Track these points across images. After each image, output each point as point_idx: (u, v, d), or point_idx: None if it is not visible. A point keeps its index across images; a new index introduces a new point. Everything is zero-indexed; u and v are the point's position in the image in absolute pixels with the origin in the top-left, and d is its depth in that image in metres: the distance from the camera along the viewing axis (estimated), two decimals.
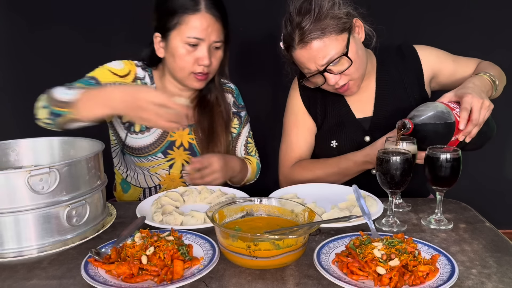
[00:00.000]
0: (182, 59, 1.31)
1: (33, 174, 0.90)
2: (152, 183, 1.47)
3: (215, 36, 1.31)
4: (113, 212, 1.16)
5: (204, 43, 1.30)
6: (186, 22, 1.28)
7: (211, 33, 1.30)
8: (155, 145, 1.42)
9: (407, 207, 1.21)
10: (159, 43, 1.36)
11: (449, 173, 1.05)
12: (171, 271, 0.83)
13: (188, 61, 1.31)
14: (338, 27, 1.25)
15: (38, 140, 1.20)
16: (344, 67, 1.28)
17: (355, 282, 0.80)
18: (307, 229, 0.87)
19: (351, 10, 1.30)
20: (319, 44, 1.25)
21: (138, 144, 1.41)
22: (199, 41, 1.29)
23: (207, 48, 1.31)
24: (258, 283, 0.83)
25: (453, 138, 1.15)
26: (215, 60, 1.35)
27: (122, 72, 1.38)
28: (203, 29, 1.28)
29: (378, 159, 1.04)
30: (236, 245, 0.85)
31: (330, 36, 1.25)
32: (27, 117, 2.25)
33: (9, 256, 0.92)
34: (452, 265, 0.85)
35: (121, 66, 1.39)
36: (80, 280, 0.84)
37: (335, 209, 1.12)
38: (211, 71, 1.36)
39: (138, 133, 1.41)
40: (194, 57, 1.31)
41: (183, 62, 1.32)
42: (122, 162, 1.49)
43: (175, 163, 1.45)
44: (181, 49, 1.30)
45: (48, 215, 0.94)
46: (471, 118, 1.12)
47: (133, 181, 1.48)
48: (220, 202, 1.01)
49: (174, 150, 1.44)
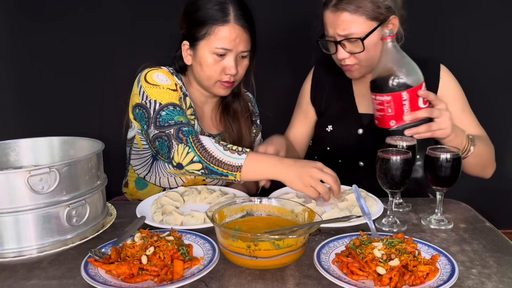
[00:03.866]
0: (210, 68, 1.33)
1: (33, 174, 0.90)
2: (175, 184, 1.47)
3: (243, 46, 1.32)
4: (113, 212, 1.16)
5: (232, 53, 1.32)
6: (216, 32, 1.29)
7: (239, 44, 1.31)
8: None
9: (407, 207, 1.21)
10: (187, 51, 1.37)
11: (449, 173, 1.05)
12: (171, 271, 0.83)
13: (215, 70, 1.33)
14: (372, 13, 1.28)
15: (38, 140, 1.20)
16: (357, 49, 1.31)
17: (355, 282, 0.80)
18: (307, 229, 0.87)
19: (393, 7, 1.32)
20: (347, 17, 1.27)
21: None
22: (227, 51, 1.31)
23: (234, 57, 1.32)
24: (258, 283, 0.83)
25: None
26: (241, 69, 1.37)
27: (173, 87, 1.36)
28: (232, 40, 1.30)
29: (378, 159, 1.04)
30: (236, 245, 0.85)
31: (361, 17, 1.27)
32: (27, 117, 2.26)
33: (9, 256, 0.92)
34: (452, 265, 0.85)
35: (169, 81, 1.36)
36: (80, 280, 0.84)
37: (335, 209, 1.12)
38: (237, 79, 1.38)
39: None
40: (221, 67, 1.33)
41: (211, 71, 1.33)
42: (146, 166, 1.47)
43: None
44: (209, 59, 1.32)
45: (48, 215, 0.94)
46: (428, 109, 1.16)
47: (153, 181, 1.48)
48: (220, 202, 1.01)
49: None
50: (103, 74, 2.16)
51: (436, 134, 1.16)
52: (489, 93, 2.20)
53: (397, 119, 1.17)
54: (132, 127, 1.45)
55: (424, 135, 1.16)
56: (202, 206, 1.20)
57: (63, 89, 2.20)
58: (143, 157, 1.47)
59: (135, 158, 1.49)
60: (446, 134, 1.16)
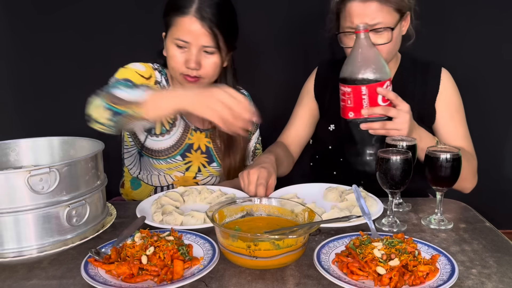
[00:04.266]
0: (173, 59, 1.33)
1: (33, 174, 0.90)
2: (165, 182, 1.47)
3: (205, 41, 1.30)
4: (113, 212, 1.16)
5: (192, 46, 1.30)
6: (175, 23, 1.30)
7: (199, 38, 1.29)
8: (174, 148, 1.44)
9: (407, 207, 1.21)
10: (163, 42, 1.39)
11: (449, 173, 1.05)
12: (171, 271, 0.83)
13: (177, 62, 1.33)
14: (398, 5, 1.29)
15: (38, 140, 1.20)
16: (382, 40, 1.30)
17: (355, 282, 0.80)
18: (307, 229, 0.87)
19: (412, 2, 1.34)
20: (376, 7, 1.27)
21: (158, 147, 1.43)
22: (186, 43, 1.30)
23: (196, 51, 1.31)
24: (258, 283, 0.83)
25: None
26: (207, 66, 1.34)
27: (146, 74, 1.39)
28: (189, 32, 1.29)
29: (378, 159, 1.04)
30: (236, 245, 0.85)
31: (389, 7, 1.28)
32: (27, 117, 2.25)
33: (9, 256, 0.92)
34: (452, 265, 0.85)
35: (143, 68, 1.39)
36: (80, 280, 0.84)
37: (335, 209, 1.12)
38: (203, 76, 1.35)
39: (158, 135, 1.43)
40: (183, 59, 1.32)
41: (173, 62, 1.34)
42: (137, 163, 1.49)
43: (191, 165, 1.47)
44: (171, 50, 1.33)
45: (48, 215, 0.94)
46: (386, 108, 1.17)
47: (145, 179, 1.49)
48: (220, 202, 1.01)
49: (192, 153, 1.46)
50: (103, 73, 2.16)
51: (391, 133, 1.17)
52: (489, 93, 2.20)
53: (355, 112, 1.20)
54: None
55: (378, 132, 1.18)
56: (202, 206, 1.20)
57: (63, 89, 2.20)
58: (132, 155, 1.49)
59: (127, 157, 1.51)
60: (400, 135, 1.17)
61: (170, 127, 1.45)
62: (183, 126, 1.46)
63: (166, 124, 1.44)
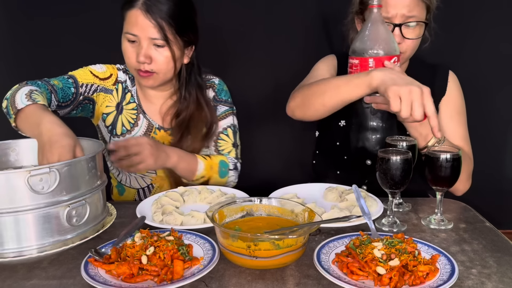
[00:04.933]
0: (126, 55, 1.34)
1: (33, 174, 0.90)
2: (144, 183, 1.47)
3: (152, 33, 1.29)
4: (113, 212, 1.16)
5: (141, 39, 1.30)
6: (126, 18, 1.31)
7: (146, 30, 1.28)
8: None
9: (407, 207, 1.21)
10: None
11: (449, 173, 1.05)
12: (171, 271, 0.83)
13: (130, 57, 1.33)
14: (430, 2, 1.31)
15: None
16: (412, 35, 1.30)
17: (355, 282, 0.80)
18: (307, 229, 0.87)
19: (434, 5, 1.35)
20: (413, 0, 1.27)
21: None
22: (135, 37, 1.30)
23: (145, 45, 1.30)
24: (258, 283, 0.83)
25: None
26: (158, 59, 1.32)
27: (103, 75, 1.41)
28: (135, 25, 1.28)
29: (378, 159, 1.04)
30: (236, 245, 0.85)
31: (422, 2, 1.29)
32: None
33: (9, 256, 0.92)
34: (452, 265, 0.85)
35: (103, 69, 1.42)
36: (80, 280, 0.84)
37: (335, 209, 1.12)
38: (156, 70, 1.33)
39: (119, 136, 1.43)
40: (134, 54, 1.32)
41: (126, 58, 1.34)
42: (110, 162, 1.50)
43: None
44: (124, 45, 1.33)
45: (48, 215, 0.94)
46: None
47: (127, 183, 1.49)
48: (220, 202, 1.01)
49: None
50: None
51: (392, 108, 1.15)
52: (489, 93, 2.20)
53: None
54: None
55: (380, 106, 1.18)
56: (202, 206, 1.20)
57: None
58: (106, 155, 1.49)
59: (107, 160, 1.52)
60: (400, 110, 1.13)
61: (132, 127, 1.44)
62: (146, 125, 1.45)
63: (127, 124, 1.43)
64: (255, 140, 2.16)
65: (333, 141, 1.50)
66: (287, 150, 2.21)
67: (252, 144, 2.08)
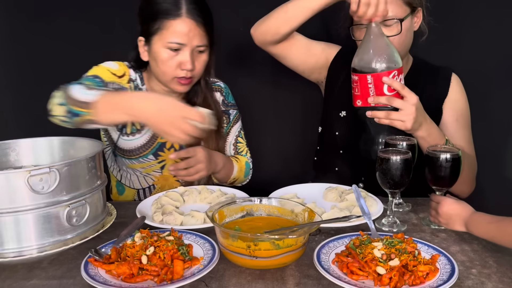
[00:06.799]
0: (165, 64, 1.31)
1: (33, 174, 0.90)
2: (145, 183, 1.47)
3: (198, 41, 1.29)
4: (113, 212, 1.16)
5: (186, 47, 1.29)
6: (167, 27, 1.27)
7: (193, 38, 1.28)
8: (146, 147, 1.42)
9: (407, 207, 1.21)
10: (143, 47, 1.35)
11: (449, 173, 1.05)
12: (171, 271, 0.83)
13: (170, 66, 1.30)
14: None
15: (38, 140, 1.20)
16: (390, 33, 1.29)
17: (355, 282, 0.80)
18: (307, 229, 0.87)
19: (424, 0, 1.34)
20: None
21: (129, 146, 1.41)
22: (181, 46, 1.29)
23: (190, 52, 1.29)
24: (258, 283, 0.83)
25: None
26: (198, 64, 1.33)
27: (119, 73, 1.38)
28: (185, 34, 1.27)
29: (378, 159, 1.04)
30: (236, 245, 0.85)
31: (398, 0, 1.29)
32: (27, 116, 2.25)
33: (9, 256, 0.92)
34: (452, 265, 0.85)
35: (116, 66, 1.39)
36: (80, 280, 0.84)
37: (335, 209, 1.12)
38: (195, 75, 1.35)
39: (129, 135, 1.41)
40: (176, 62, 1.30)
41: (166, 66, 1.31)
42: (114, 163, 1.49)
43: (166, 164, 1.45)
44: (163, 54, 1.30)
45: (48, 215, 0.94)
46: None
47: (127, 182, 1.48)
48: (220, 202, 1.01)
49: (164, 151, 1.44)
50: None
51: (394, 123, 1.16)
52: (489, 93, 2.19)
53: (362, 100, 1.20)
54: None
55: (382, 121, 1.17)
56: (202, 206, 1.20)
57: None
58: (109, 156, 1.48)
59: (107, 158, 1.50)
60: (405, 127, 1.16)
61: (142, 126, 1.42)
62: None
63: (137, 123, 1.42)
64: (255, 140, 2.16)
65: (333, 132, 1.49)
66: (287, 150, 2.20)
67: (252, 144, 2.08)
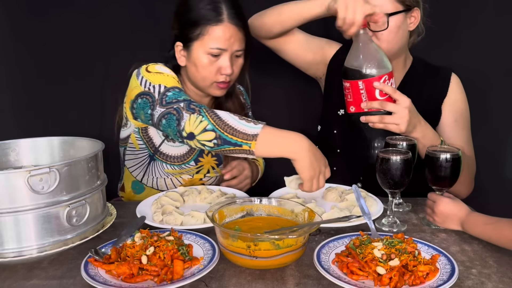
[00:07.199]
0: (205, 69, 1.31)
1: (33, 174, 0.90)
2: (172, 185, 1.46)
3: (238, 45, 1.31)
4: (113, 212, 1.16)
5: (227, 52, 1.29)
6: (209, 33, 1.27)
7: (234, 43, 1.29)
8: (189, 154, 1.42)
9: (407, 207, 1.21)
10: (180, 52, 1.35)
11: (449, 173, 1.05)
12: (171, 271, 0.83)
13: (210, 71, 1.31)
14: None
15: (38, 140, 1.20)
16: (377, 27, 1.27)
17: (355, 282, 0.80)
18: (307, 229, 0.87)
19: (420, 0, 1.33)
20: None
21: (174, 153, 1.41)
22: (222, 51, 1.29)
23: (229, 57, 1.30)
24: (258, 283, 0.83)
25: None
26: (236, 68, 1.35)
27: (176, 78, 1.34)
28: (226, 40, 1.28)
29: (378, 159, 1.04)
30: (236, 245, 0.85)
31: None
32: (27, 117, 2.25)
33: (9, 256, 0.92)
34: (452, 265, 0.85)
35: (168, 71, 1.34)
36: (80, 280, 0.84)
37: (335, 209, 1.12)
38: (232, 79, 1.36)
39: (175, 141, 1.41)
40: (216, 67, 1.31)
41: (206, 72, 1.31)
42: (142, 167, 1.46)
43: (202, 169, 1.46)
44: (204, 59, 1.30)
45: (48, 215, 0.94)
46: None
47: (150, 183, 1.47)
48: (220, 202, 1.01)
49: (204, 157, 1.45)
50: (103, 73, 2.16)
51: (389, 127, 1.17)
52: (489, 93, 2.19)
53: (355, 106, 1.21)
54: (127, 126, 1.42)
55: (377, 125, 1.18)
56: (202, 206, 1.20)
57: (63, 88, 2.20)
58: (138, 158, 1.46)
59: (130, 159, 1.48)
60: (399, 130, 1.16)
61: None
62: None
63: None
64: None
65: (331, 130, 1.49)
66: None
67: None
